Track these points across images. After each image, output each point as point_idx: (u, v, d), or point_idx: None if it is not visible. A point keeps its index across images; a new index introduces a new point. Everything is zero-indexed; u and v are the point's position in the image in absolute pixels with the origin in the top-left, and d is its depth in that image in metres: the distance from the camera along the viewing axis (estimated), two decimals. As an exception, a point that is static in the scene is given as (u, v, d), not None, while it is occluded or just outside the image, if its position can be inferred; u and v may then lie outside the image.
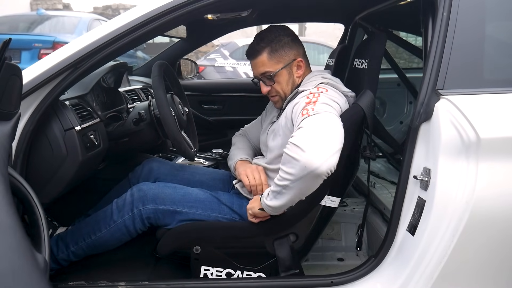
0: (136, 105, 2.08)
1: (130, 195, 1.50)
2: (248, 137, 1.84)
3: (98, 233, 1.51)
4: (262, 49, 1.52)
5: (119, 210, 1.50)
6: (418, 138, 1.29)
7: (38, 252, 0.89)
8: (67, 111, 1.45)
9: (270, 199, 1.37)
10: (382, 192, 1.99)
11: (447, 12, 1.28)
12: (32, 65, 1.32)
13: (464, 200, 1.19)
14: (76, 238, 1.53)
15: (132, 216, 1.48)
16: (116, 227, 1.49)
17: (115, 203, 1.52)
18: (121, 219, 1.49)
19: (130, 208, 1.48)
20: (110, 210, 1.51)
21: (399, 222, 1.32)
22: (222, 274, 1.51)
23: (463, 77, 1.27)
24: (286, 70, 1.54)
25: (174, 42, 2.87)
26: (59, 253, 1.53)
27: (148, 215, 1.48)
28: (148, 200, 1.48)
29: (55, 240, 1.55)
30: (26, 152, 1.33)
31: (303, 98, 1.42)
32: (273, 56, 1.52)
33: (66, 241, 1.54)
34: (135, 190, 1.51)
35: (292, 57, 1.55)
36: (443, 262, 1.21)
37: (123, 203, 1.50)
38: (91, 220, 1.55)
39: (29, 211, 0.98)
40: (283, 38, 1.54)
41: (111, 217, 1.50)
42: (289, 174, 1.26)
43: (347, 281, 1.36)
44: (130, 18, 1.33)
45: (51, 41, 5.47)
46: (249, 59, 1.58)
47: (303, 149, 1.22)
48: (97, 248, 1.53)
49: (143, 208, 1.47)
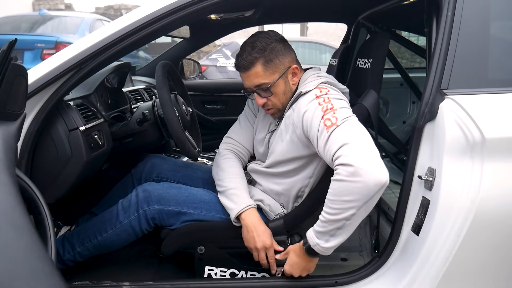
0: (140, 105, 2.08)
1: (135, 195, 1.50)
2: (238, 148, 1.68)
3: (104, 233, 1.50)
4: (255, 60, 1.41)
5: (125, 211, 1.49)
6: (423, 138, 1.28)
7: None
8: (71, 111, 1.45)
9: (326, 241, 1.25)
10: (385, 192, 1.98)
11: (451, 11, 1.28)
12: (37, 65, 1.32)
13: (469, 200, 1.18)
14: (82, 239, 1.53)
15: (138, 216, 1.47)
16: (122, 227, 1.49)
17: (120, 204, 1.52)
18: (127, 220, 1.48)
19: (135, 208, 1.48)
20: (116, 211, 1.51)
21: (404, 222, 1.32)
22: (226, 274, 1.51)
23: (468, 77, 1.27)
24: (282, 80, 1.44)
25: (176, 42, 2.87)
26: (65, 253, 1.53)
27: (152, 215, 1.47)
28: (153, 201, 1.47)
29: (60, 241, 1.56)
30: (31, 152, 1.33)
31: (313, 104, 1.32)
32: (268, 67, 1.41)
33: (72, 242, 1.54)
34: (140, 191, 1.50)
35: (287, 65, 1.45)
36: (448, 262, 1.21)
37: (129, 204, 1.49)
38: (96, 220, 1.55)
39: (35, 212, 0.98)
40: (276, 45, 1.43)
41: (117, 218, 1.50)
42: (353, 201, 1.15)
43: (352, 281, 1.36)
44: (134, 19, 1.33)
45: (54, 41, 5.48)
46: (240, 71, 1.46)
47: (362, 167, 1.13)
48: (103, 248, 1.53)
49: (148, 209, 1.47)
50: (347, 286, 1.37)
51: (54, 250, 0.90)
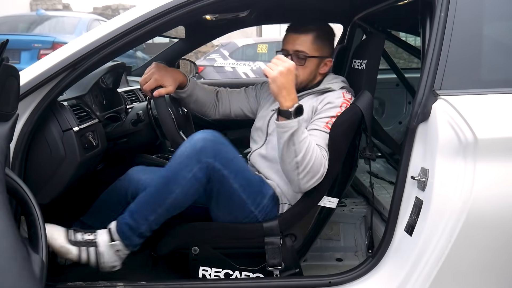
0: (135, 105, 2.08)
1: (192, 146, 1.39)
2: (226, 99, 1.78)
3: (172, 194, 1.38)
4: (311, 30, 1.53)
5: (185, 164, 1.37)
6: (416, 139, 1.29)
7: (35, 253, 0.89)
8: (65, 111, 1.45)
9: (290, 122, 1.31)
10: (380, 192, 1.99)
11: (444, 12, 1.28)
12: (31, 65, 1.32)
13: (462, 201, 1.19)
14: (152, 207, 1.40)
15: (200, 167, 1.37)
16: (189, 183, 1.37)
17: (177, 160, 1.39)
18: (191, 174, 1.37)
19: (196, 159, 1.37)
20: (176, 168, 1.38)
21: (397, 222, 1.32)
22: (220, 275, 1.51)
23: (461, 78, 1.27)
24: (318, 61, 1.56)
25: (173, 42, 2.87)
26: (140, 226, 1.41)
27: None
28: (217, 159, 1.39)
29: (130, 214, 1.42)
30: (25, 153, 1.33)
31: (338, 101, 1.48)
32: (316, 42, 1.54)
33: (142, 213, 1.41)
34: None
35: (327, 54, 1.59)
36: (440, 262, 1.21)
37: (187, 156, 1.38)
38: (159, 185, 1.41)
39: (26, 212, 0.98)
40: (331, 33, 1.62)
41: (178, 173, 1.38)
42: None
43: (345, 281, 1.36)
44: (129, 19, 1.33)
45: (51, 42, 5.48)
46: (290, 32, 1.57)
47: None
48: (175, 210, 1.43)
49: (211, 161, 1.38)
50: (341, 286, 1.37)
51: (45, 250, 0.90)
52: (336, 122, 1.45)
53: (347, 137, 1.47)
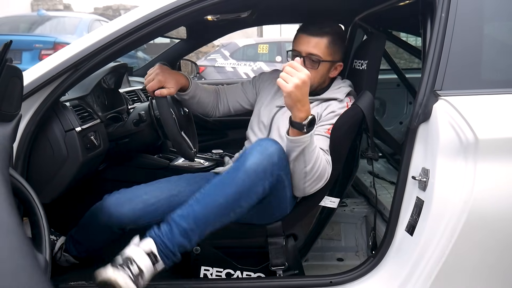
0: (137, 106, 2.09)
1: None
2: (224, 97, 1.76)
3: (238, 209, 1.29)
4: (327, 33, 1.50)
5: (260, 179, 1.28)
6: (417, 139, 1.29)
7: (39, 252, 0.89)
8: (67, 112, 1.46)
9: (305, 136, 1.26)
10: (381, 192, 1.99)
11: (445, 13, 1.28)
12: (33, 66, 1.32)
13: (462, 201, 1.19)
14: (212, 223, 1.29)
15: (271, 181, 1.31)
16: (257, 197, 1.30)
17: (252, 174, 1.27)
18: (262, 188, 1.29)
19: (270, 173, 1.29)
20: (251, 183, 1.27)
21: (398, 222, 1.33)
22: (221, 274, 1.51)
23: (461, 78, 1.27)
24: (329, 65, 1.54)
25: (174, 42, 2.88)
26: (192, 245, 1.30)
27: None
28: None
29: (185, 232, 1.27)
30: (27, 153, 1.33)
31: (341, 110, 1.48)
32: (330, 46, 1.51)
33: (199, 231, 1.28)
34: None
35: (339, 58, 1.57)
36: (441, 262, 1.22)
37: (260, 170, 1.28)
38: (227, 202, 1.28)
39: (30, 212, 0.99)
40: (345, 37, 1.64)
41: (252, 189, 1.28)
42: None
43: (346, 281, 1.37)
44: (131, 20, 1.33)
45: (52, 42, 5.49)
46: (304, 33, 1.51)
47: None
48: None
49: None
50: (341, 286, 1.37)
51: (48, 250, 0.91)
52: (337, 123, 1.45)
53: (349, 137, 1.48)
